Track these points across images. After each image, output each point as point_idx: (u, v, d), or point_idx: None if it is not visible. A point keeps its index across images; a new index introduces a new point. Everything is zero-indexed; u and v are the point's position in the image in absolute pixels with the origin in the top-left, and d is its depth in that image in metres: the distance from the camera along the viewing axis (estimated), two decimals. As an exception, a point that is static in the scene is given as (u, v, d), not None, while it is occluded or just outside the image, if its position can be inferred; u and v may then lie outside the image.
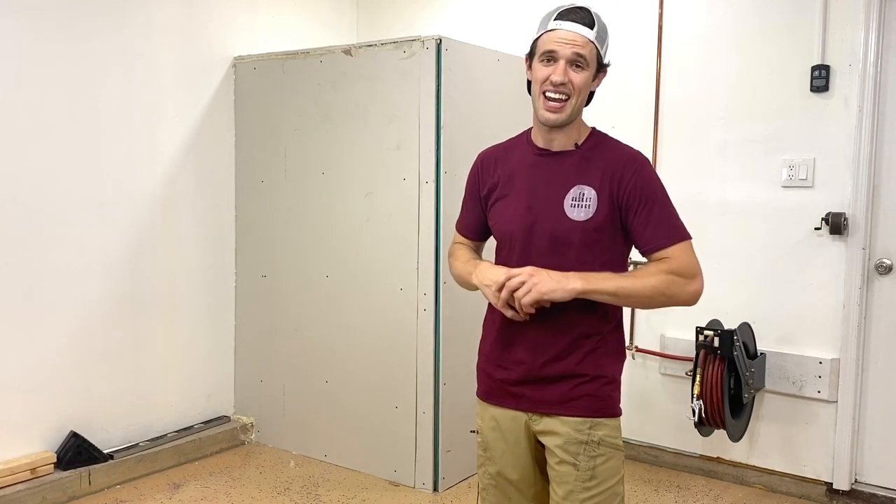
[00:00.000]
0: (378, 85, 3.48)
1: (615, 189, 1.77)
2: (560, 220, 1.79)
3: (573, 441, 1.79)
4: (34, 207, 3.19)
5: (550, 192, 1.81)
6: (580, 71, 1.76)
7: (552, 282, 1.69)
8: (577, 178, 1.80)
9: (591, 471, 1.78)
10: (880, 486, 3.32)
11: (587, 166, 1.80)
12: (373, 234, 3.55)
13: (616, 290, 1.71)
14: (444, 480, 3.47)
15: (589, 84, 1.79)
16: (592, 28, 1.76)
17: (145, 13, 3.54)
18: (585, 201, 1.77)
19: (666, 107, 3.69)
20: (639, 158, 1.82)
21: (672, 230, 1.77)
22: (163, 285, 3.70)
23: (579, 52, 1.74)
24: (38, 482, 3.17)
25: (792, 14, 3.36)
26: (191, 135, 3.78)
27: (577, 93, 1.76)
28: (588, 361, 1.81)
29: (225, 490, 3.45)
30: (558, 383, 1.81)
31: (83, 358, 3.40)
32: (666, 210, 1.78)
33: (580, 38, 1.75)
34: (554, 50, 1.76)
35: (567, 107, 1.77)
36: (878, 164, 3.26)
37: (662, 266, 1.74)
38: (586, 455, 1.78)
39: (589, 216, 1.77)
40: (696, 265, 1.76)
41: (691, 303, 1.76)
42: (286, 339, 3.88)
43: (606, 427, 1.81)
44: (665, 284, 1.72)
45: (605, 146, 1.84)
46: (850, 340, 3.30)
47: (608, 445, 1.80)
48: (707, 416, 3.22)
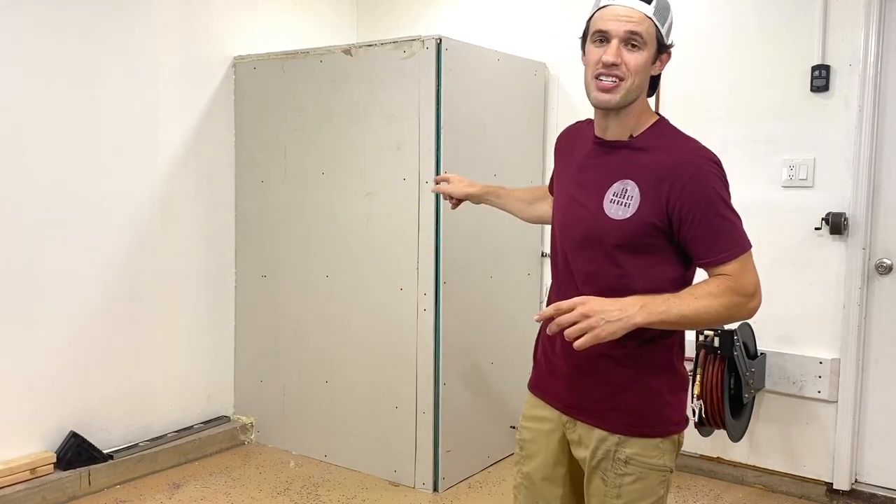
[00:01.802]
0: (378, 85, 3.48)
1: (667, 192, 1.56)
2: (597, 217, 1.63)
3: (600, 455, 1.67)
4: (34, 207, 3.19)
5: (595, 185, 1.66)
6: (636, 51, 1.57)
7: (611, 325, 1.48)
8: (624, 173, 1.62)
9: (618, 489, 1.65)
10: (880, 486, 3.32)
11: (638, 160, 1.62)
12: (373, 234, 3.55)
13: (679, 319, 1.53)
14: (444, 480, 3.47)
15: (648, 66, 1.60)
16: (650, 3, 1.58)
17: (145, 13, 3.54)
18: (627, 198, 1.60)
19: (666, 107, 3.68)
20: (699, 158, 1.59)
21: (730, 243, 1.57)
22: (163, 285, 3.70)
23: (634, 30, 1.56)
24: (38, 482, 3.16)
25: (792, 14, 3.36)
26: (191, 135, 3.78)
27: (632, 75, 1.58)
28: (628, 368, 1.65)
29: (225, 490, 3.45)
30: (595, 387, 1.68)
31: (83, 358, 3.40)
32: (723, 219, 1.57)
33: (636, 14, 1.56)
34: (606, 29, 1.58)
35: (621, 88, 1.58)
36: (878, 164, 3.26)
37: (723, 285, 1.55)
38: (613, 472, 1.66)
39: (628, 215, 1.59)
40: (756, 280, 1.59)
41: (750, 318, 1.63)
42: (286, 339, 3.88)
43: (637, 445, 1.65)
44: (727, 307, 1.55)
45: (665, 140, 1.64)
46: (850, 340, 3.30)
47: (639, 465, 1.65)
48: (707, 416, 3.22)
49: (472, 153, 3.52)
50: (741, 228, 1.60)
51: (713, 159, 1.60)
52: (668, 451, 1.68)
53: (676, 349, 1.70)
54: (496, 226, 3.52)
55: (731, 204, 1.60)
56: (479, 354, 3.56)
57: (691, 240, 1.58)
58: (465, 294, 3.53)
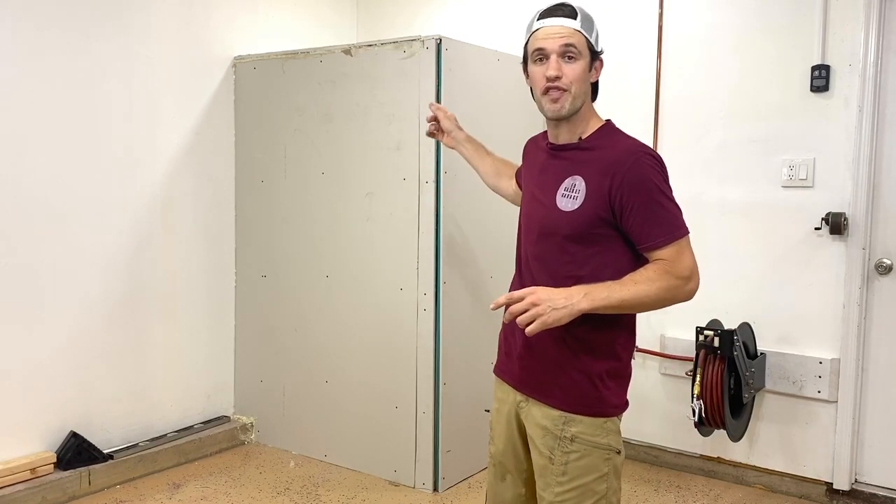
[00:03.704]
0: (378, 85, 3.48)
1: (609, 184, 1.72)
2: (551, 211, 1.80)
3: (549, 435, 1.79)
4: (34, 207, 3.19)
5: (550, 183, 1.83)
6: (573, 62, 1.76)
7: (557, 312, 1.63)
8: (573, 170, 1.79)
9: (564, 466, 1.78)
10: (880, 486, 3.32)
11: (585, 158, 1.80)
12: (373, 234, 3.55)
13: (620, 303, 1.67)
14: (444, 480, 3.47)
15: (586, 74, 1.79)
16: (576, 19, 1.77)
17: (145, 13, 3.54)
18: (575, 192, 1.76)
19: (666, 107, 3.69)
20: (638, 152, 1.74)
21: (667, 228, 1.71)
22: (163, 285, 3.70)
23: (567, 43, 1.75)
24: (38, 482, 3.16)
25: (792, 14, 3.36)
26: (191, 135, 3.79)
27: (574, 83, 1.76)
28: (572, 350, 1.78)
29: (225, 490, 3.45)
30: (541, 366, 1.82)
31: (83, 358, 3.40)
32: (661, 206, 1.72)
33: (566, 30, 1.76)
34: (542, 47, 1.77)
35: (567, 97, 1.77)
36: (878, 164, 3.26)
37: (660, 269, 1.70)
38: (560, 450, 1.78)
39: (576, 207, 1.75)
40: (693, 264, 1.72)
41: (688, 299, 1.75)
42: (286, 339, 3.88)
43: (580, 424, 1.77)
44: (665, 289, 1.69)
45: (610, 139, 1.81)
46: (850, 340, 3.30)
47: (582, 443, 1.77)
48: (707, 416, 3.22)
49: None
50: (679, 216, 1.75)
51: (652, 154, 1.76)
52: (612, 432, 1.80)
53: (622, 339, 1.84)
54: (496, 226, 3.52)
55: (671, 195, 1.75)
56: (479, 354, 3.56)
57: (631, 227, 1.72)
58: (465, 294, 3.53)
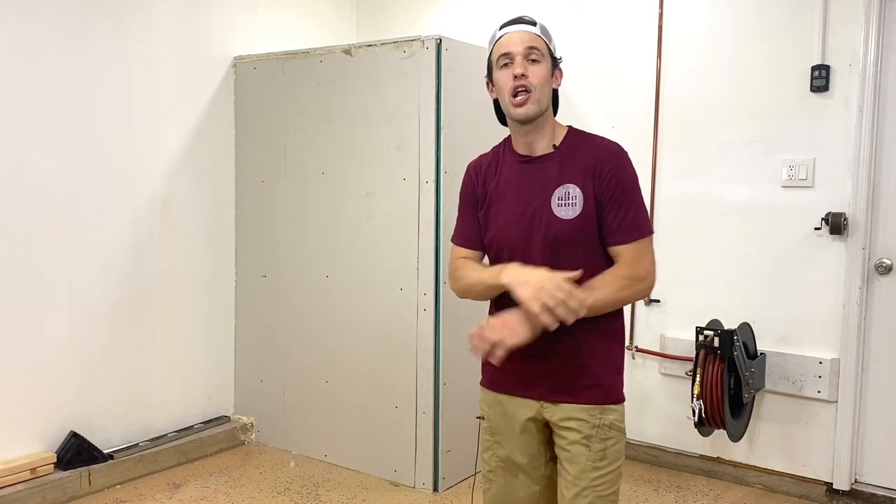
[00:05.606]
0: (378, 85, 3.48)
1: (595, 183, 1.82)
2: (552, 222, 1.83)
3: (587, 425, 1.86)
4: (34, 207, 3.19)
5: (539, 196, 1.86)
6: (536, 64, 1.84)
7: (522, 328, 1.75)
8: (561, 178, 1.85)
9: (602, 451, 1.86)
10: (880, 486, 3.32)
11: (569, 165, 1.85)
12: (373, 234, 3.55)
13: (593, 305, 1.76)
14: (445, 480, 3.47)
15: (549, 78, 1.86)
16: (535, 26, 1.88)
17: (145, 13, 3.54)
18: (571, 199, 1.83)
19: (666, 107, 3.68)
20: (616, 151, 1.86)
21: (631, 227, 1.81)
22: (163, 285, 3.70)
23: (531, 45, 1.84)
24: (38, 482, 3.17)
25: (792, 14, 3.36)
26: (191, 135, 3.79)
27: (538, 84, 1.83)
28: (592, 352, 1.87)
29: (225, 490, 3.45)
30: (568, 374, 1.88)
31: (83, 358, 3.40)
32: (636, 204, 1.83)
33: (527, 35, 1.85)
34: (508, 51, 1.85)
35: (533, 98, 1.83)
36: (878, 164, 3.26)
37: (618, 272, 1.80)
38: (598, 437, 1.86)
39: (577, 213, 1.82)
40: (648, 264, 1.83)
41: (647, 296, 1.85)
42: (286, 339, 3.88)
43: (615, 412, 1.89)
44: (621, 290, 1.80)
45: (584, 142, 1.90)
46: (850, 340, 3.30)
47: (616, 429, 1.89)
48: (707, 416, 3.22)
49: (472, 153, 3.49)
50: (644, 215, 1.85)
51: (625, 151, 1.87)
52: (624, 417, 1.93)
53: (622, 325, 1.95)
54: (496, 226, 3.52)
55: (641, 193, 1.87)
56: (479, 354, 3.56)
57: (607, 220, 1.82)
58: (465, 294, 3.53)
